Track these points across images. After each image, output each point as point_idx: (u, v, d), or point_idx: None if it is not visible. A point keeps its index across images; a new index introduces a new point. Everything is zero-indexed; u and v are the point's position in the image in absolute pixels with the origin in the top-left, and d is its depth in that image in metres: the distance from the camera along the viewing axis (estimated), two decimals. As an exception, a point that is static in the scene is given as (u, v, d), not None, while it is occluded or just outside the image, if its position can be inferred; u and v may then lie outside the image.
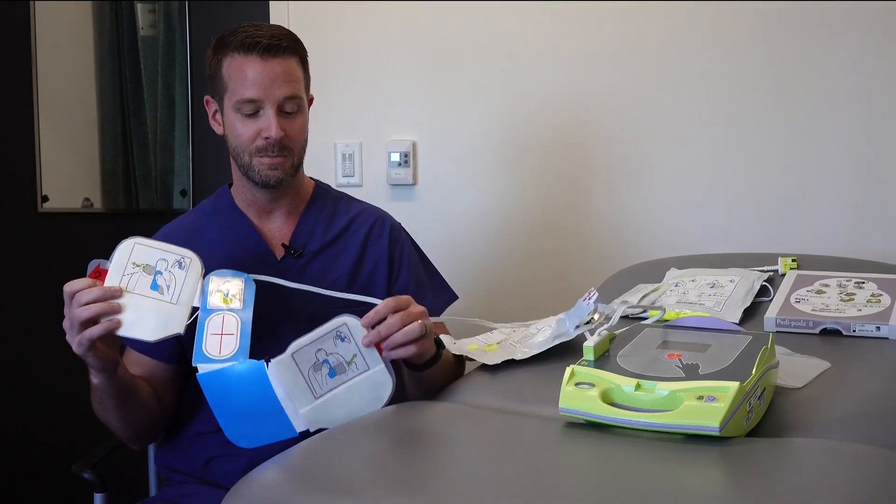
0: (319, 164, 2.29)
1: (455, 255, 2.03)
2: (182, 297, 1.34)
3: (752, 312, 1.58)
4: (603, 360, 1.18)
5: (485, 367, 1.46)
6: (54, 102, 2.85)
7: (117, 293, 1.32)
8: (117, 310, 1.31)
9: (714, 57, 2.13)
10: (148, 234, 1.62)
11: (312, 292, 1.47)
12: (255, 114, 1.51)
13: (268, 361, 1.33)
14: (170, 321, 1.33)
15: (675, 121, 2.17)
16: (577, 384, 1.14)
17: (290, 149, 1.55)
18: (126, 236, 1.41)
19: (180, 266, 1.36)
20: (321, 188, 1.70)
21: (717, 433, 1.04)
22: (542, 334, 1.49)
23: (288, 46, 1.53)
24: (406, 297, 1.39)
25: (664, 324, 1.31)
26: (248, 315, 1.36)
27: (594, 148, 2.22)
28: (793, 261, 1.72)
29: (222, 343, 1.34)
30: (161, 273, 1.35)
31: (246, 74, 1.50)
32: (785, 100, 2.10)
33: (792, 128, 2.10)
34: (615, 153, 2.21)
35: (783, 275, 1.68)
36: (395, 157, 2.33)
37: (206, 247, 1.56)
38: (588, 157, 2.23)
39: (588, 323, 1.40)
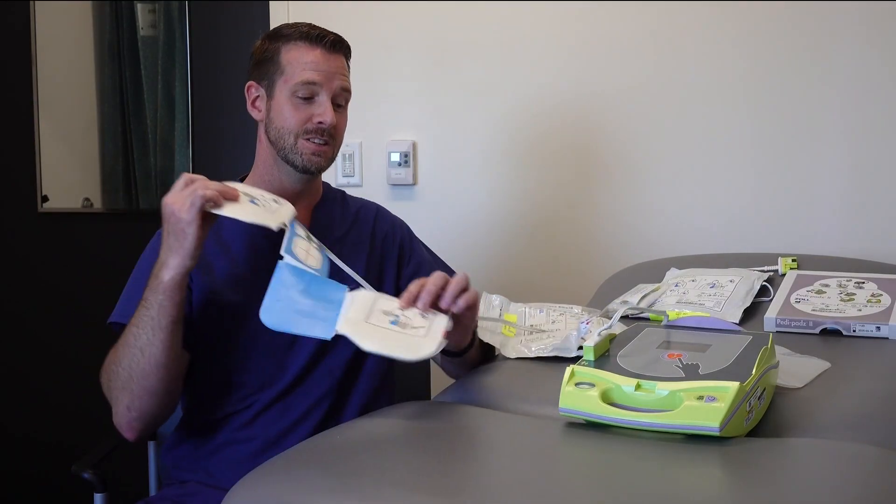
0: (319, 164, 2.29)
1: (455, 255, 2.03)
2: (276, 210, 1.39)
3: (752, 312, 1.58)
4: (603, 360, 1.18)
5: (484, 367, 1.46)
6: (54, 102, 2.85)
7: (234, 190, 1.38)
8: (231, 196, 1.36)
9: (714, 58, 2.13)
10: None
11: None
12: (309, 99, 1.57)
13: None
14: (266, 218, 1.36)
15: (675, 121, 2.17)
16: (577, 384, 1.14)
17: (335, 139, 1.61)
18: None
19: (276, 202, 1.42)
20: (325, 184, 1.74)
21: (717, 433, 1.04)
22: (547, 340, 1.49)
23: (347, 48, 1.64)
24: (445, 276, 1.41)
25: (664, 324, 1.32)
26: (327, 264, 1.38)
27: (594, 148, 2.22)
28: (793, 261, 1.72)
29: (309, 254, 1.35)
30: (257, 200, 1.40)
31: (310, 60, 1.57)
32: (785, 100, 2.10)
33: (792, 128, 2.10)
34: (615, 153, 2.21)
35: (783, 275, 1.68)
36: (395, 157, 2.33)
37: (227, 237, 1.58)
38: (588, 157, 2.23)
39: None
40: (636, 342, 1.23)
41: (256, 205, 1.38)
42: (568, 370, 1.16)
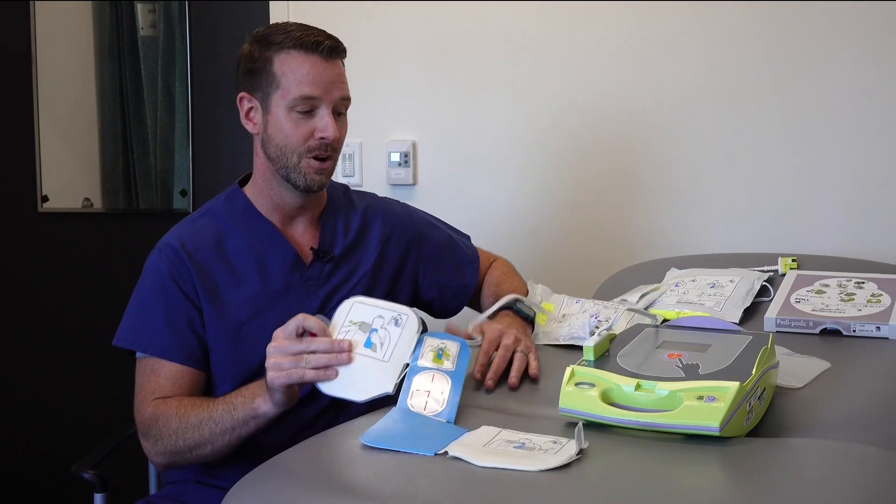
0: (319, 164, 2.29)
1: (455, 255, 2.04)
2: (395, 355, 1.30)
3: (752, 312, 1.58)
4: (603, 360, 1.18)
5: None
6: (54, 102, 2.86)
7: (346, 349, 1.30)
8: (342, 361, 1.30)
9: (714, 59, 2.13)
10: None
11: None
12: (308, 113, 1.50)
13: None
14: (380, 381, 1.29)
15: (675, 122, 2.16)
16: (577, 384, 1.14)
17: (337, 151, 1.55)
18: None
19: (396, 323, 1.32)
20: (329, 183, 1.67)
21: (717, 433, 1.04)
22: (566, 328, 1.50)
23: (343, 50, 1.55)
24: (496, 335, 1.43)
25: (664, 324, 1.32)
26: (460, 379, 1.28)
27: (594, 148, 2.22)
28: (793, 261, 1.72)
29: (428, 401, 1.26)
30: (376, 331, 1.32)
31: (307, 72, 1.49)
32: (785, 100, 2.09)
33: (792, 128, 2.09)
34: (615, 153, 2.21)
35: (783, 275, 1.68)
36: (395, 157, 2.33)
37: (232, 255, 1.55)
38: (588, 157, 2.23)
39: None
40: (636, 342, 1.23)
41: (373, 345, 1.30)
42: (568, 370, 1.16)
